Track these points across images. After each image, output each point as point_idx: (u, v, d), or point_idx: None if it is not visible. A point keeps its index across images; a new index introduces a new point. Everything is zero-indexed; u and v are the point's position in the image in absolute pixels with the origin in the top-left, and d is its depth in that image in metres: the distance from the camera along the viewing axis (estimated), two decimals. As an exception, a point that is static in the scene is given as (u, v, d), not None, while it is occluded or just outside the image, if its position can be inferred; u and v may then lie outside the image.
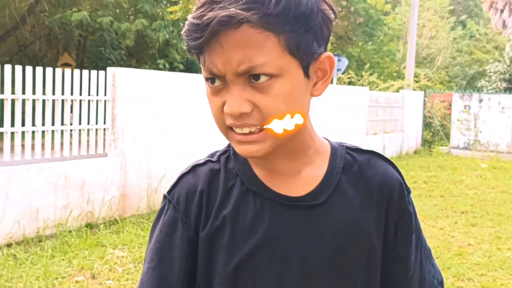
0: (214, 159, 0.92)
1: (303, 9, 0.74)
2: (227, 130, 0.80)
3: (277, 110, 0.75)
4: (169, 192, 0.90)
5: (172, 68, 16.00)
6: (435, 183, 8.66)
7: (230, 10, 0.71)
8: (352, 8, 28.48)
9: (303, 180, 0.85)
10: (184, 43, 0.78)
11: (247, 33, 0.72)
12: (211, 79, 0.77)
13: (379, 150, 11.70)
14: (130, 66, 17.78)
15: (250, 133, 0.77)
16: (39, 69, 5.17)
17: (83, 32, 18.64)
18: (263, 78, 0.74)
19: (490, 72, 19.10)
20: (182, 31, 0.78)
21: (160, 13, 15.14)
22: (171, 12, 13.65)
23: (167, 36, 15.85)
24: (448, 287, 3.97)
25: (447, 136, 14.56)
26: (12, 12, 17.60)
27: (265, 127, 0.75)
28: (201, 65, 0.78)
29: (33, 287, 3.72)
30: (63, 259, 4.35)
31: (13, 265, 4.10)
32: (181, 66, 16.12)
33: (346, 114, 10.34)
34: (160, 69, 16.34)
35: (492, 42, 32.71)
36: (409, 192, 0.90)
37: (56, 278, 3.93)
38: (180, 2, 13.14)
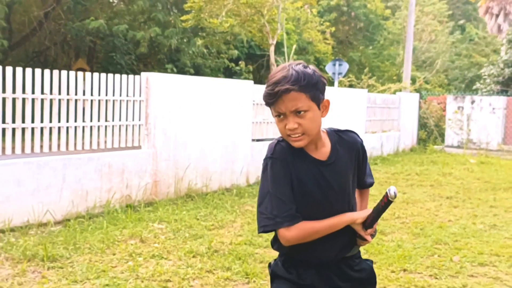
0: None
1: (314, 81, 1.73)
2: (287, 136, 1.77)
3: (308, 125, 1.73)
4: (272, 155, 1.81)
5: (183, 73, 16.98)
6: (426, 175, 9.64)
7: (285, 86, 1.68)
8: (353, 14, 29.48)
9: (323, 152, 1.84)
10: (192, 49, 1.83)
11: (293, 95, 1.69)
12: (278, 115, 1.75)
13: (377, 147, 12.66)
14: (139, 70, 18.81)
15: (298, 137, 1.75)
16: (88, 75, 6.17)
17: (94, 39, 19.56)
18: (302, 112, 1.71)
19: (485, 75, 20.01)
20: (263, 96, 1.77)
21: (172, 21, 16.13)
22: (184, 21, 14.65)
23: (175, 43, 16.79)
24: (427, 249, 4.93)
25: (442, 135, 15.53)
26: (31, 19, 18.62)
27: (303, 134, 1.74)
28: (272, 110, 1.76)
29: (98, 247, 4.71)
30: (114, 230, 5.33)
31: (79, 232, 5.09)
32: (191, 71, 17.09)
33: (346, 114, 11.32)
34: (168, 73, 17.32)
35: (490, 46, 33.52)
36: (362, 144, 1.96)
37: (113, 242, 4.91)
38: (193, 11, 14.16)
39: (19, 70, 5.49)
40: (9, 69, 5.41)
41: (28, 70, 5.55)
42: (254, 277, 4.08)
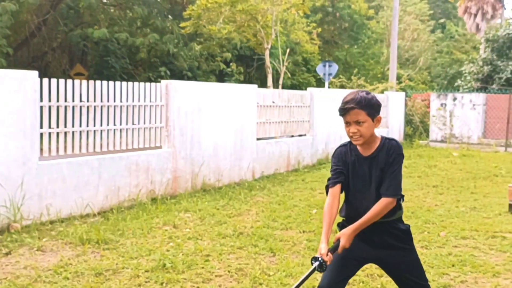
0: (348, 143, 2.83)
1: (372, 103, 2.68)
2: (350, 137, 2.72)
3: (364, 131, 2.67)
4: (335, 152, 2.83)
5: (180, 76, 17.77)
6: (414, 168, 10.59)
7: (351, 105, 2.66)
8: (337, 14, 30.45)
9: (371, 150, 2.74)
10: (187, 53, 2.94)
11: (356, 111, 2.66)
12: (346, 123, 2.70)
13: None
14: (132, 73, 19.58)
15: (357, 138, 2.69)
16: (118, 84, 6.97)
17: (89, 43, 20.14)
18: (361, 123, 2.66)
19: (465, 72, 21.06)
20: (338, 109, 2.75)
21: (170, 27, 16.89)
22: (182, 27, 15.44)
23: (173, 48, 17.49)
24: (418, 227, 5.84)
25: (427, 131, 16.55)
26: (30, 25, 19.23)
27: (360, 136, 2.68)
28: (343, 119, 2.71)
29: (140, 232, 5.53)
30: (149, 219, 6.14)
31: (120, 220, 5.90)
32: (189, 74, 17.87)
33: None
34: (162, 76, 18.11)
35: (470, 43, 34.73)
36: (397, 151, 2.78)
37: (151, 228, 5.73)
38: (192, 19, 14.96)
39: (61, 81, 6.27)
40: (53, 81, 6.19)
41: (69, 82, 6.34)
42: (278, 251, 4.94)
